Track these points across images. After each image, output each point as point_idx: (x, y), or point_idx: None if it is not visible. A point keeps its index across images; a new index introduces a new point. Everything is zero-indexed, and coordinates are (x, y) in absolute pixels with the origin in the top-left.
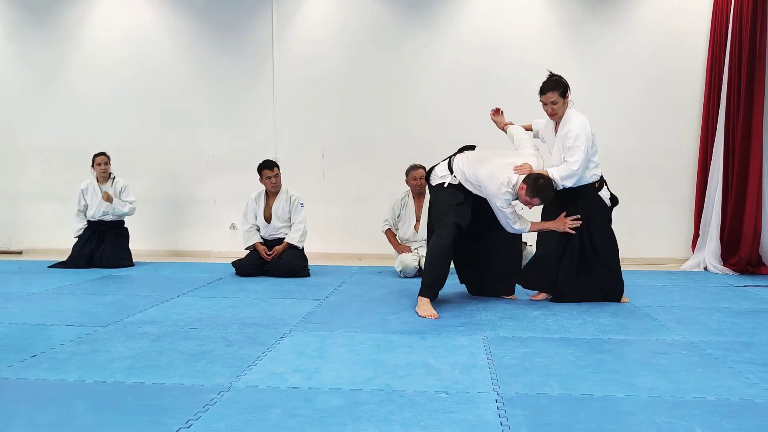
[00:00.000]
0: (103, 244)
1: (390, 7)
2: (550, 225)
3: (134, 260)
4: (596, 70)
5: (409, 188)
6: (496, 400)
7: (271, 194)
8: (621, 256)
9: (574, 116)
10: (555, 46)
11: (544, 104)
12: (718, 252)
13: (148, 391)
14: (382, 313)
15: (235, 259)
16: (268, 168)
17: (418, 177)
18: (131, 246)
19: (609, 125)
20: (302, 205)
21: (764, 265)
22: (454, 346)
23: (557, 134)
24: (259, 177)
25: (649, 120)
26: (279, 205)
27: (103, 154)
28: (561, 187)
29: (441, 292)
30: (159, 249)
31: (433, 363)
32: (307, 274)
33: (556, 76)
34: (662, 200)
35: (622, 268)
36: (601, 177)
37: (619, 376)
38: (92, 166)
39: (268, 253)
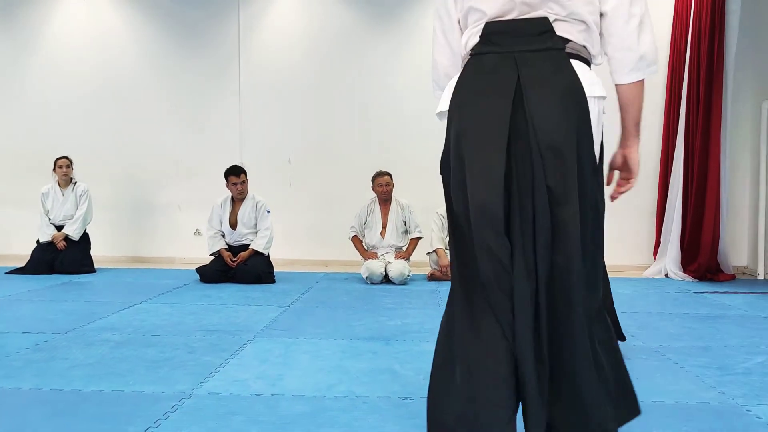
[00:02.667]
0: (63, 250)
1: (357, 14)
2: None
3: (96, 266)
4: None
5: (376, 195)
6: None
7: (237, 200)
8: None
9: None
10: None
11: None
12: (679, 259)
13: (107, 398)
14: (347, 319)
15: (200, 265)
16: (234, 174)
17: (384, 183)
18: (93, 252)
19: None
20: (268, 212)
21: (722, 271)
22: (419, 351)
23: None
24: (225, 182)
25: (613, 130)
26: (245, 211)
27: (65, 157)
28: None
29: (406, 295)
30: (122, 255)
31: (398, 369)
32: (273, 281)
33: None
34: (625, 208)
35: None
36: None
37: None
38: (54, 169)
39: (233, 259)
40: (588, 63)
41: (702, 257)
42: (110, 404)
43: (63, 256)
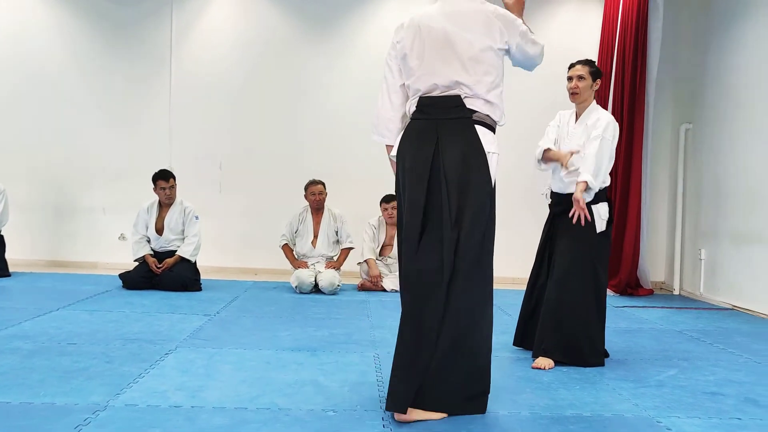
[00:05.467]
0: None
1: (293, 21)
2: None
3: (11, 270)
4: None
5: (308, 203)
6: (383, 418)
7: (164, 205)
8: (510, 276)
9: (602, 110)
10: None
11: (570, 79)
12: None
13: (13, 411)
14: (273, 329)
15: (123, 271)
16: (162, 179)
17: (317, 192)
18: (8, 255)
19: (507, 148)
20: (197, 218)
21: (641, 286)
22: (345, 363)
23: (578, 122)
24: (153, 187)
25: None
26: (172, 216)
27: None
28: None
29: (335, 305)
30: (40, 259)
31: (323, 381)
32: (199, 288)
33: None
34: None
35: (515, 287)
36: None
37: (503, 394)
38: None
39: (159, 265)
40: (491, 127)
41: (623, 272)
42: (17, 417)
43: None
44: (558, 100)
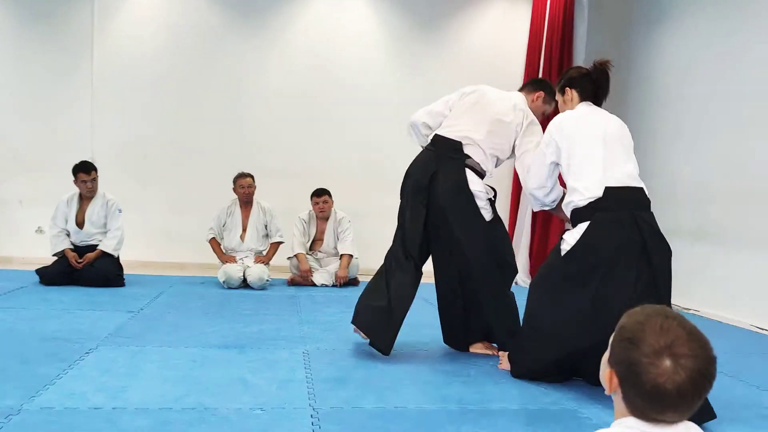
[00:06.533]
0: None
1: (222, 12)
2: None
3: None
4: (422, 93)
5: (237, 196)
6: (312, 416)
7: (85, 198)
8: None
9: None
10: (385, 67)
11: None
12: (527, 267)
13: None
14: (200, 326)
15: (41, 266)
16: (83, 171)
17: (246, 185)
18: None
19: None
20: (120, 211)
21: None
22: (273, 360)
23: None
24: (73, 179)
25: None
26: (94, 209)
27: None
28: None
29: (264, 300)
30: None
31: (251, 378)
32: (122, 284)
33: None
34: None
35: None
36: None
37: (431, 388)
38: None
39: (79, 260)
40: (480, 174)
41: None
42: None
43: None
44: None
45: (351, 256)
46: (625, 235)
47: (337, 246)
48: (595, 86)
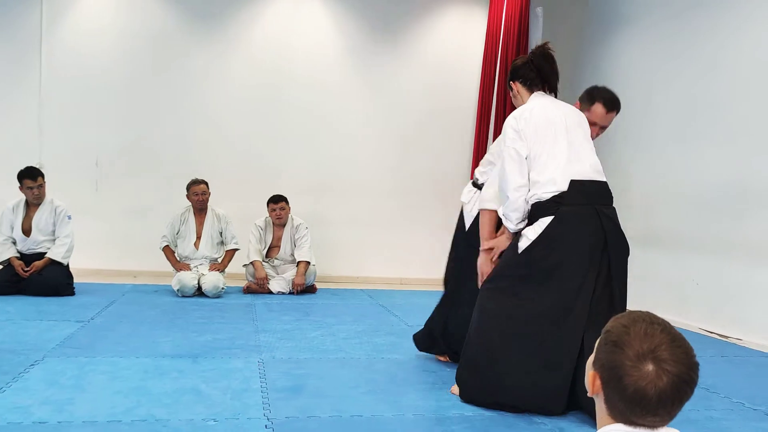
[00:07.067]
0: None
1: (177, 15)
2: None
3: None
4: (379, 97)
5: (191, 203)
6: (266, 426)
7: (32, 204)
8: (399, 276)
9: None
10: (343, 71)
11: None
12: None
13: None
14: (153, 335)
15: None
16: (29, 178)
17: (200, 192)
18: None
19: (389, 149)
20: (69, 218)
21: None
22: (228, 369)
23: None
24: (19, 185)
25: (425, 146)
26: (41, 216)
27: None
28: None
29: (219, 309)
30: None
31: (204, 388)
32: (72, 293)
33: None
34: (438, 221)
35: (402, 287)
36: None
37: (388, 396)
38: None
39: (26, 269)
40: (479, 187)
41: None
42: None
43: None
44: (439, 107)
45: (308, 263)
46: (589, 232)
47: (294, 253)
48: (539, 73)
